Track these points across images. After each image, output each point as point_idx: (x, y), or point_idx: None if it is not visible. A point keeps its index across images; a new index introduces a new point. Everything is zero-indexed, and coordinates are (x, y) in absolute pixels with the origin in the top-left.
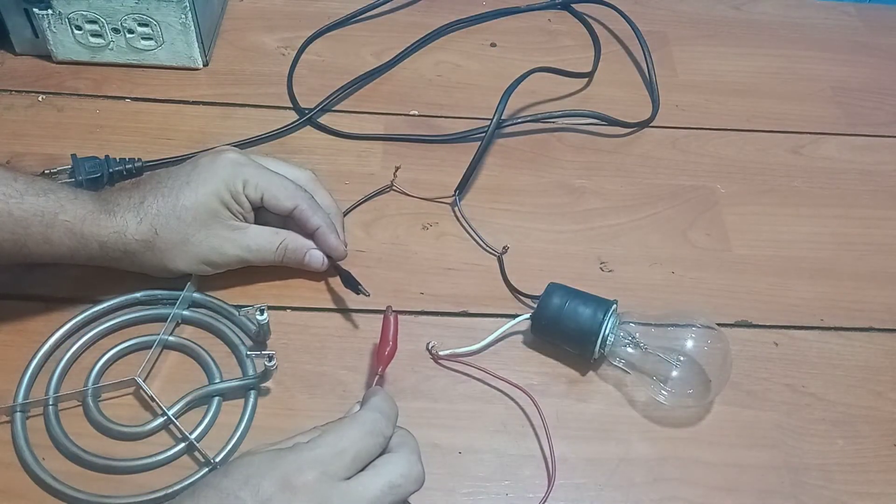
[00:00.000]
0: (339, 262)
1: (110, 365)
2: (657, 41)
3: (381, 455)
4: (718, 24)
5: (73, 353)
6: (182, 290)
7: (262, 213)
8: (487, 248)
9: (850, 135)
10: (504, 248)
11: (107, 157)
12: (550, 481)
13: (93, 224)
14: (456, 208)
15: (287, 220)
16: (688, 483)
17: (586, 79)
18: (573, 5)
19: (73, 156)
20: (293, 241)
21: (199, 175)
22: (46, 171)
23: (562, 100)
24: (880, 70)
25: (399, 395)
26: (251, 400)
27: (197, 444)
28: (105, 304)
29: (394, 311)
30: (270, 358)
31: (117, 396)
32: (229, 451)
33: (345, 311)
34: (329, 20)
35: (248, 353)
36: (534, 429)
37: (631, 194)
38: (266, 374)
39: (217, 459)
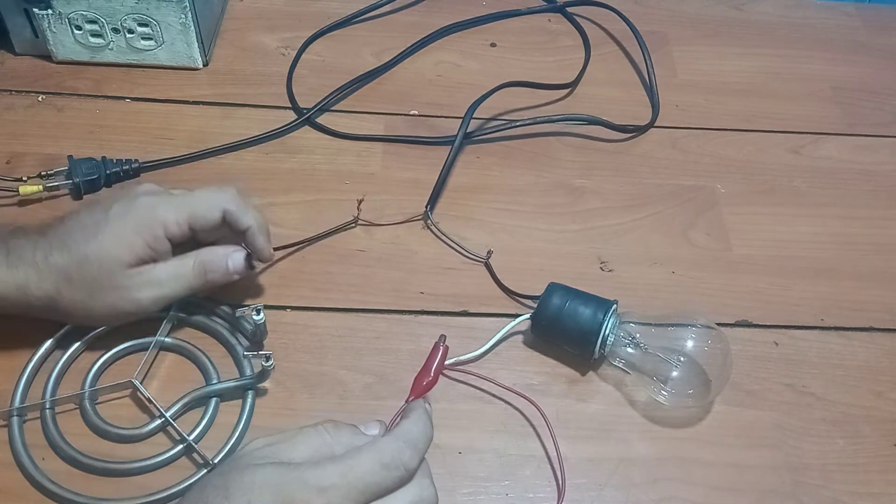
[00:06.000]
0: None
1: (107, 367)
2: (657, 41)
3: None
4: (718, 24)
5: (70, 355)
6: None
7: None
8: (472, 256)
9: (850, 135)
10: (488, 252)
11: (104, 158)
12: (560, 495)
13: None
14: (428, 221)
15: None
16: (688, 483)
17: (566, 90)
18: (571, 8)
19: (70, 157)
20: (206, 253)
21: (109, 225)
22: (44, 173)
23: (562, 101)
24: (880, 70)
25: (399, 395)
26: (249, 400)
27: (195, 446)
28: None
29: (446, 343)
30: (268, 358)
31: (115, 398)
32: (227, 452)
33: (345, 310)
34: (329, 20)
35: (246, 353)
36: (534, 429)
37: (631, 194)
38: (263, 375)
39: (216, 461)
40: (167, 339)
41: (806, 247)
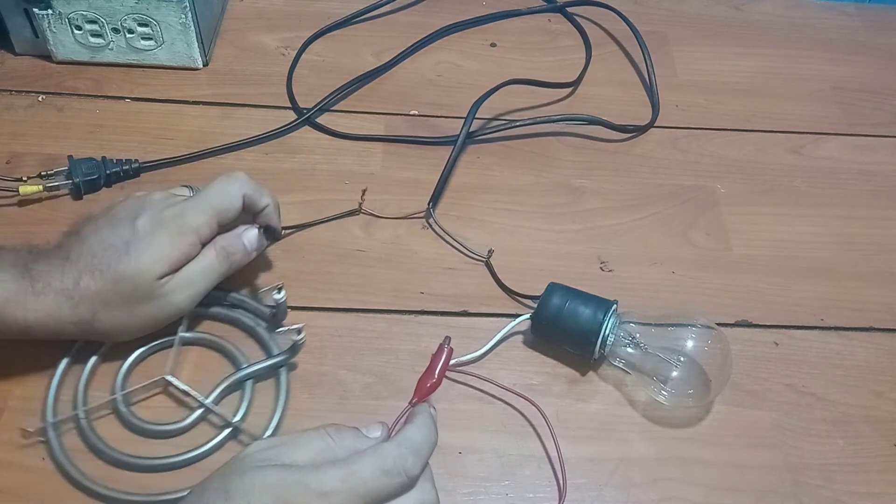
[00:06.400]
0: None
1: (132, 370)
2: (657, 41)
3: None
4: (718, 24)
5: (94, 363)
6: None
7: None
8: (473, 255)
9: (850, 135)
10: (489, 252)
11: (104, 158)
12: (562, 496)
13: (17, 307)
14: (431, 220)
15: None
16: (688, 483)
17: (569, 88)
18: (571, 8)
19: (70, 157)
20: (222, 239)
21: (141, 242)
22: (44, 173)
23: (563, 101)
24: (880, 70)
25: (399, 395)
26: (283, 377)
27: (242, 427)
28: None
29: (450, 346)
30: (299, 331)
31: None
32: (275, 428)
33: (345, 310)
34: (329, 20)
35: (279, 329)
36: (535, 429)
37: (631, 194)
38: (295, 349)
39: (265, 437)
40: (187, 334)
41: (806, 247)
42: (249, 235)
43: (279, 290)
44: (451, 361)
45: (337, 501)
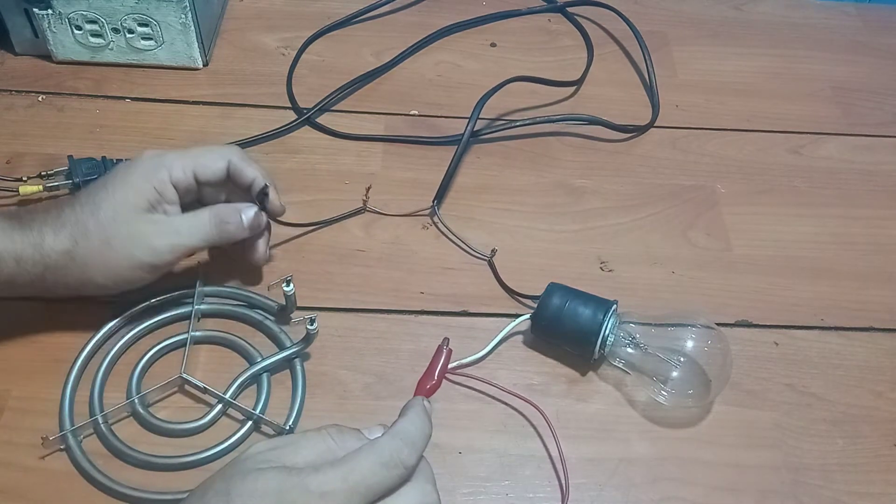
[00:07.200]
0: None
1: (145, 372)
2: (657, 41)
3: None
4: (718, 24)
5: (105, 369)
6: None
7: (192, 205)
8: (476, 254)
9: (850, 135)
10: (492, 251)
11: (103, 158)
12: (565, 497)
13: (5, 239)
14: (435, 217)
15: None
16: (688, 483)
17: (573, 87)
18: (571, 8)
19: (70, 157)
20: (221, 206)
21: (116, 176)
22: (44, 173)
23: (563, 102)
24: (880, 70)
25: (399, 394)
26: (298, 368)
27: (265, 417)
28: (121, 317)
29: (449, 346)
30: (312, 321)
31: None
32: (296, 415)
33: (345, 310)
34: (329, 20)
35: (293, 319)
36: (535, 429)
37: (631, 194)
38: (308, 339)
39: (289, 425)
40: (197, 333)
41: (806, 247)
42: (247, 211)
43: (287, 282)
44: (452, 363)
45: (338, 501)
